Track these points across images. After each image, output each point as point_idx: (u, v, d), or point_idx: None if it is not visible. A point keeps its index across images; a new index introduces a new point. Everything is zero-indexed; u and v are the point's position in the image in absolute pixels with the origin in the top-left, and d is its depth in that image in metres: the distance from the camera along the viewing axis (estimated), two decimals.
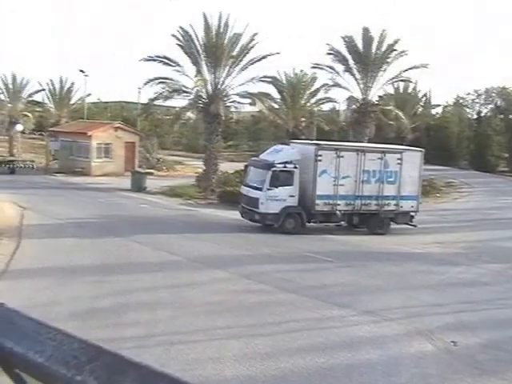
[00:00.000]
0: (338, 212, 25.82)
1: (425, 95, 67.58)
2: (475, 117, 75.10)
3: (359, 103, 43.62)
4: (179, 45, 38.09)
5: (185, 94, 38.93)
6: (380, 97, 46.92)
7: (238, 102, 40.23)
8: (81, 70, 57.82)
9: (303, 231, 25.40)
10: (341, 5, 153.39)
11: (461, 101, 76.59)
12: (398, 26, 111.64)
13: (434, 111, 74.73)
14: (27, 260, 17.54)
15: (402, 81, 48.48)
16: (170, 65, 38.09)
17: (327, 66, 43.51)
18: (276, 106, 48.06)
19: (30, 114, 58.74)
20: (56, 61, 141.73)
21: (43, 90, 60.14)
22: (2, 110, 58.07)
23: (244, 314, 13.26)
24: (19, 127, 55.34)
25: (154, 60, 38.32)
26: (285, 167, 25.17)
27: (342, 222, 26.70)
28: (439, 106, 75.20)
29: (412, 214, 27.31)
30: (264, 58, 38.16)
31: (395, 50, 41.88)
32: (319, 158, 25.48)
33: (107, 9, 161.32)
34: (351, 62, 42.68)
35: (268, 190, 24.97)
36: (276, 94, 47.43)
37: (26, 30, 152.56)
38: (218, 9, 60.96)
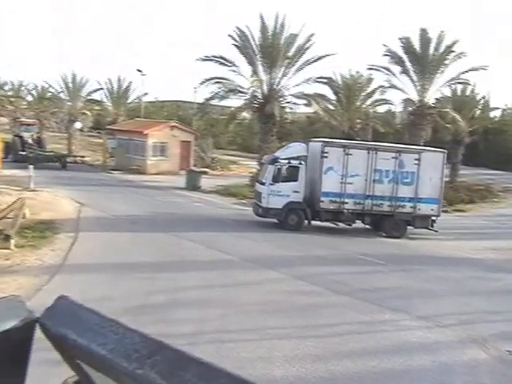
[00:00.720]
0: (345, 211, 25.46)
1: (483, 97, 66.07)
2: None
3: (415, 105, 42.95)
4: (235, 45, 38.27)
5: (240, 94, 39.08)
6: (437, 99, 46.05)
7: (294, 103, 40.19)
8: (138, 70, 58.63)
9: (356, 234, 25.27)
10: (398, 6, 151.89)
11: None
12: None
13: (492, 114, 72.88)
14: (83, 255, 17.88)
15: (459, 83, 47.53)
16: (226, 65, 38.28)
17: (383, 68, 43.01)
18: (331, 107, 47.82)
19: (88, 112, 59.69)
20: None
21: (101, 88, 61.13)
22: (62, 109, 59.35)
23: (296, 315, 13.22)
24: (78, 125, 56.46)
25: (211, 60, 38.55)
26: (289, 163, 25.30)
27: (358, 223, 26.14)
28: (498, 108, 73.22)
29: (433, 218, 26.36)
30: (320, 58, 38.01)
31: (453, 51, 41.19)
32: (325, 154, 25.30)
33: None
34: (408, 63, 42.10)
35: (270, 184, 25.16)
36: (331, 95, 47.19)
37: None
38: (275, 9, 61.18)
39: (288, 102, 39.75)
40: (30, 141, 48.81)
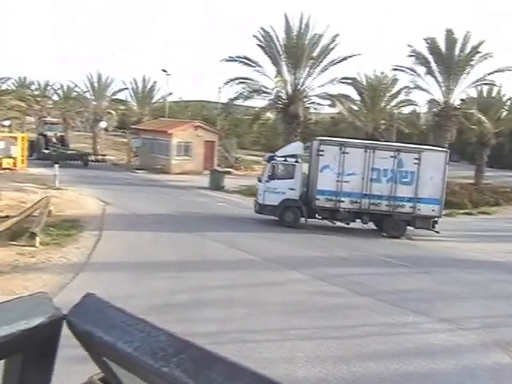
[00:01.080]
0: (341, 209, 25.31)
1: (510, 99, 65.25)
2: None
3: (440, 106, 42.69)
4: (260, 45, 38.30)
5: (264, 95, 39.20)
6: (462, 100, 45.70)
7: (318, 103, 40.17)
8: (163, 70, 58.89)
9: (376, 234, 25.17)
10: (422, 6, 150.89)
11: None
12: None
13: None
14: (107, 253, 18.00)
15: (485, 84, 47.07)
16: (251, 65, 38.37)
17: (408, 68, 42.84)
18: (355, 108, 47.64)
19: (113, 112, 60.12)
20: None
21: (126, 88, 61.49)
22: (87, 108, 59.83)
23: (318, 316, 13.18)
24: (103, 124, 56.93)
25: (235, 60, 38.66)
26: (285, 160, 25.60)
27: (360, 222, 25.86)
28: None
29: (435, 219, 25.80)
30: (345, 59, 38.00)
31: (479, 52, 40.82)
32: (321, 152, 25.28)
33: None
34: (433, 64, 41.84)
35: (266, 181, 25.54)
36: (356, 96, 47.04)
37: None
38: (299, 9, 61.18)
39: (312, 103, 39.85)
40: (53, 139, 49.67)
